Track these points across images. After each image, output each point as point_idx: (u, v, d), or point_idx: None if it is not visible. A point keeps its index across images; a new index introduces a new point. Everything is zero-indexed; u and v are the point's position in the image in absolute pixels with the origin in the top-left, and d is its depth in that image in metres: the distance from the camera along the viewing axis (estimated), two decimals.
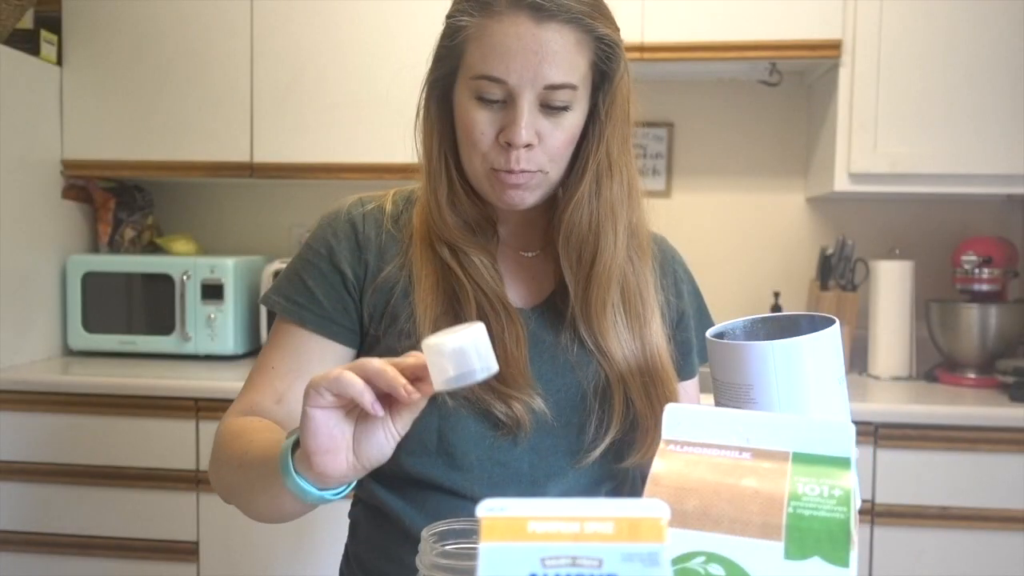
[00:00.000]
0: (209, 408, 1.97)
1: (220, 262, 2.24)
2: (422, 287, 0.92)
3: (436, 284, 0.92)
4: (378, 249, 0.96)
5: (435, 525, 0.67)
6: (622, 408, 0.93)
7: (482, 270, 0.93)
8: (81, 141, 2.31)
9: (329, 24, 2.21)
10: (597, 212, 0.90)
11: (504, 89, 0.85)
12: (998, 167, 2.03)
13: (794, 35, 2.08)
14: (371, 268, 0.95)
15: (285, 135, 2.24)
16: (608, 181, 0.90)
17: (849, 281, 2.31)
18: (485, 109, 0.87)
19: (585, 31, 0.85)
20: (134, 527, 2.00)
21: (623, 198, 0.92)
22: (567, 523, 0.39)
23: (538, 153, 0.87)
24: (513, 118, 0.85)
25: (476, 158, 0.89)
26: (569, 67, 0.85)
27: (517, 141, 0.85)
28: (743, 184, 2.47)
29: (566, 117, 0.87)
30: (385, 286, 0.94)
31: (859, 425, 1.74)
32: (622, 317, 0.94)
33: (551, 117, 0.87)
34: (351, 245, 0.96)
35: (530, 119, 0.85)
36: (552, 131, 0.87)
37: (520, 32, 0.83)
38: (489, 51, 0.84)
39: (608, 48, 0.88)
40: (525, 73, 0.84)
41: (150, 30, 2.27)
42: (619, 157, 0.91)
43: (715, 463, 0.50)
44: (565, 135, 0.88)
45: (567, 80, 0.85)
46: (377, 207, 0.99)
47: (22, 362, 2.17)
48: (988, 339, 2.13)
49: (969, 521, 1.82)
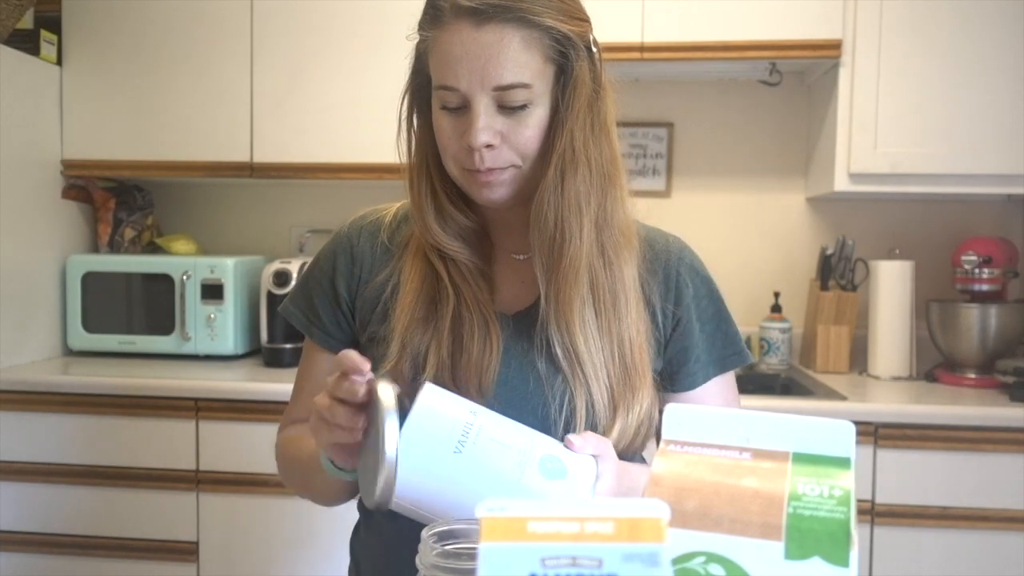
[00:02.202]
0: (209, 408, 1.97)
1: (220, 262, 2.24)
2: (404, 292, 0.95)
3: (418, 290, 0.94)
4: (371, 262, 0.99)
5: (435, 524, 0.67)
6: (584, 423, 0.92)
7: (468, 276, 0.94)
8: (81, 141, 2.31)
9: (328, 24, 2.21)
10: (560, 205, 0.89)
11: (459, 96, 0.87)
12: (998, 167, 2.03)
13: (794, 35, 2.08)
14: (362, 281, 0.99)
15: (285, 135, 2.24)
16: (572, 173, 0.89)
17: (849, 281, 2.31)
18: (449, 116, 0.89)
19: (530, 27, 0.85)
20: (134, 527, 2.00)
21: (590, 190, 0.90)
22: (567, 523, 0.39)
23: (504, 151, 0.88)
24: (469, 122, 0.87)
25: (450, 162, 0.91)
26: (517, 66, 0.85)
27: (474, 143, 0.86)
28: (743, 184, 2.47)
29: (528, 114, 0.88)
30: (372, 296, 0.98)
31: (859, 425, 1.74)
32: (591, 313, 0.92)
33: (511, 116, 0.87)
34: (346, 260, 1.00)
35: (487, 121, 0.86)
36: (515, 128, 0.88)
37: (463, 39, 0.85)
38: (441, 61, 0.87)
39: (559, 41, 0.87)
40: (473, 78, 0.85)
41: (150, 30, 2.27)
42: (585, 148, 0.89)
43: (715, 463, 0.50)
44: (530, 131, 0.88)
45: (516, 79, 0.85)
46: (376, 220, 1.02)
47: (22, 362, 2.17)
48: (988, 339, 2.12)
49: (969, 521, 1.82)
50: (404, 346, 0.92)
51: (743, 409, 0.54)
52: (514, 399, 0.92)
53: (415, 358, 0.92)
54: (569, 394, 0.92)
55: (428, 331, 0.93)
